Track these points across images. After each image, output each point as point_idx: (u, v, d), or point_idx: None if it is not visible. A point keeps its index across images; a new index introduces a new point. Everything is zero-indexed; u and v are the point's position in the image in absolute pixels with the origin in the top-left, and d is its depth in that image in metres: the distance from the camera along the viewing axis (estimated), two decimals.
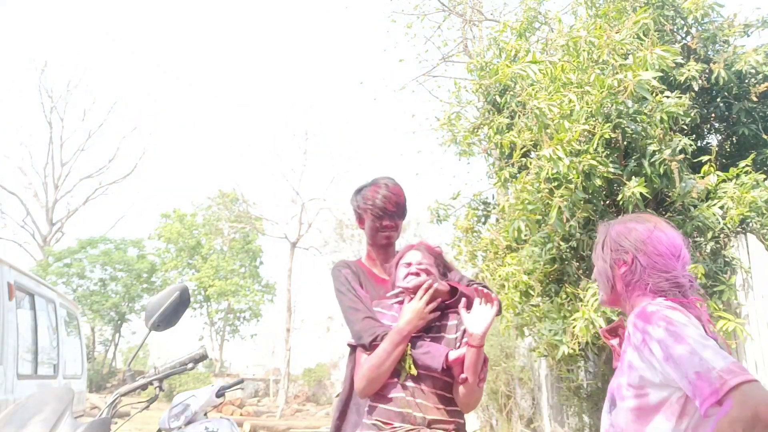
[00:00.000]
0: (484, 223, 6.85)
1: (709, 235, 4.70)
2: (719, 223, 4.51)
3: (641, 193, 4.39)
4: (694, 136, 5.13)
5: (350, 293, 2.18)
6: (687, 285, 1.49)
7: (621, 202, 4.54)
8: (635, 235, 1.54)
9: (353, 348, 2.24)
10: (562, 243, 5.18)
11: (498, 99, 6.18)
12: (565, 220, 4.62)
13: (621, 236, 1.56)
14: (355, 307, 2.15)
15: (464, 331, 2.01)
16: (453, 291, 2.09)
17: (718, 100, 5.52)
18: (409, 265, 2.11)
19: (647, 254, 1.51)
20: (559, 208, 4.55)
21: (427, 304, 2.03)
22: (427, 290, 2.02)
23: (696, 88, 5.12)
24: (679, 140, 4.61)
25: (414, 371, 1.98)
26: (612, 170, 4.53)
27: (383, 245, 2.31)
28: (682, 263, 1.51)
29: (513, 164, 5.60)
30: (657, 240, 1.51)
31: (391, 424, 1.96)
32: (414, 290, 2.04)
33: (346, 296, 2.18)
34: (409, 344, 2.01)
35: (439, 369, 1.94)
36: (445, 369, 1.94)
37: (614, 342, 1.61)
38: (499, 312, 2.17)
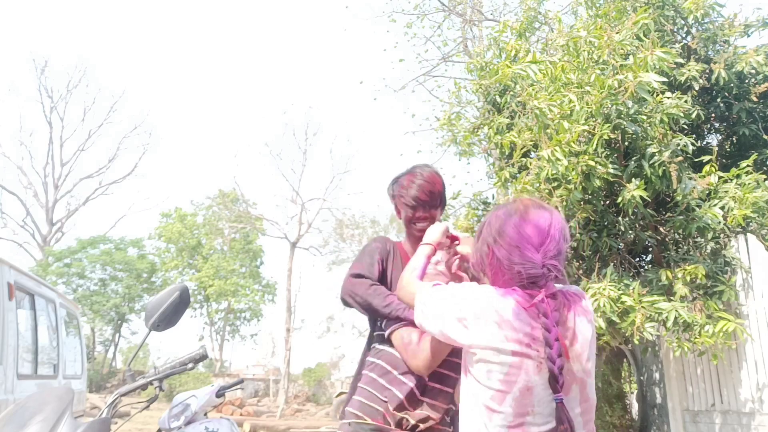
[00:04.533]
0: None
1: (710, 235, 4.70)
2: (720, 223, 4.51)
3: (641, 195, 4.39)
4: (695, 136, 5.13)
5: (364, 261, 2.11)
6: (542, 275, 1.42)
7: (621, 203, 4.54)
8: (496, 225, 1.49)
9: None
10: None
11: (498, 99, 6.19)
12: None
13: (486, 226, 1.52)
14: (360, 272, 2.07)
15: None
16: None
17: (719, 100, 5.52)
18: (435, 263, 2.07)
19: (502, 246, 1.45)
20: (557, 208, 4.55)
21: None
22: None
23: (696, 88, 5.12)
24: (680, 139, 4.61)
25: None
26: (611, 171, 4.53)
27: (417, 237, 2.15)
28: (543, 252, 1.43)
29: (513, 164, 5.61)
30: (513, 228, 1.45)
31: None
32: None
33: (359, 262, 2.12)
34: None
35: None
36: None
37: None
38: None
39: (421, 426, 1.93)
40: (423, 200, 2.13)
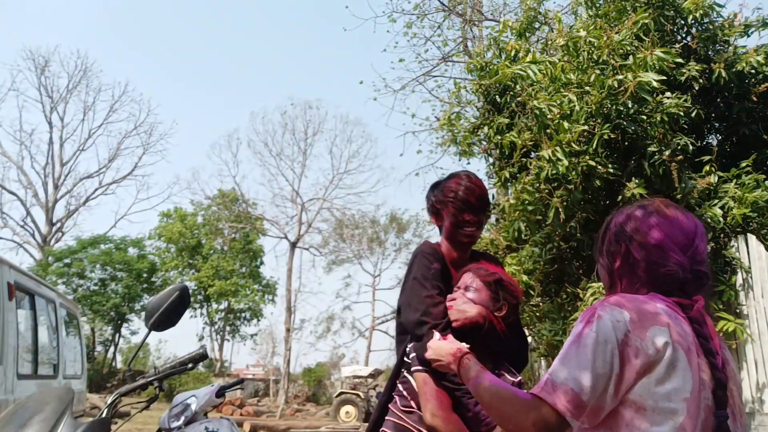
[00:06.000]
0: None
1: (710, 235, 4.71)
2: (720, 223, 4.52)
3: (641, 194, 4.39)
4: (695, 135, 5.13)
5: (436, 292, 1.96)
6: (691, 280, 1.25)
7: (621, 203, 4.54)
8: (630, 224, 1.31)
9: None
10: (562, 243, 5.18)
11: (498, 99, 6.18)
12: (562, 221, 4.63)
13: (618, 226, 1.34)
14: (422, 307, 1.93)
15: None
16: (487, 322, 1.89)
17: (719, 100, 5.52)
18: (457, 289, 1.93)
19: (641, 244, 1.27)
20: (557, 208, 4.55)
21: (454, 326, 1.84)
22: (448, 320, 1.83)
23: (696, 88, 5.12)
24: (680, 139, 4.61)
25: None
26: (612, 171, 4.53)
27: (464, 243, 2.07)
28: (691, 255, 1.26)
29: (513, 164, 5.60)
30: (655, 227, 1.27)
31: None
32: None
33: (434, 294, 1.95)
34: None
35: None
36: None
37: None
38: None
39: None
40: (473, 204, 2.04)
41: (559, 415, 1.13)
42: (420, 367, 1.89)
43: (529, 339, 6.85)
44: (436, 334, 1.73)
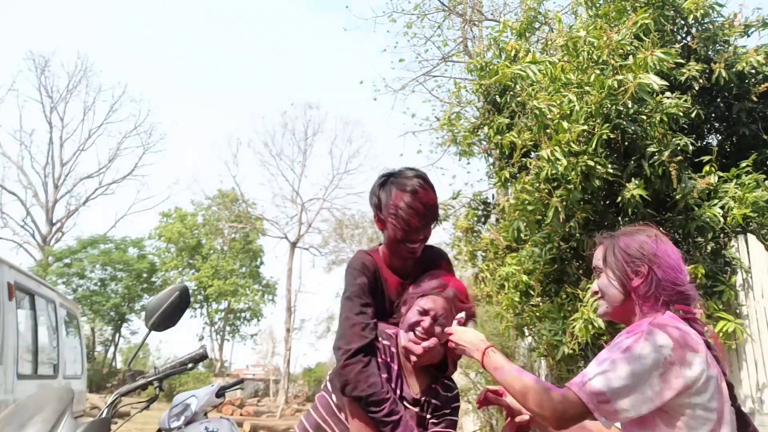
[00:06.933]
0: (484, 223, 6.85)
1: (710, 235, 4.70)
2: (720, 222, 4.51)
3: (641, 195, 4.39)
4: (695, 136, 5.13)
5: (354, 312, 1.87)
6: (693, 297, 1.54)
7: (620, 203, 4.54)
8: (647, 248, 1.54)
9: None
10: (562, 243, 5.18)
11: (498, 99, 6.18)
12: (562, 221, 4.62)
13: (632, 248, 1.56)
14: (357, 348, 1.83)
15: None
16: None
17: (719, 100, 5.52)
18: (424, 313, 1.85)
19: (661, 267, 1.52)
20: (557, 208, 4.55)
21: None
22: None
23: (696, 88, 5.11)
24: (680, 139, 4.61)
25: None
26: (611, 171, 4.53)
27: (404, 258, 1.96)
28: (685, 275, 1.55)
29: (513, 164, 5.60)
30: (666, 253, 1.54)
31: None
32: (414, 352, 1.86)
33: (351, 316, 1.87)
34: None
35: None
36: None
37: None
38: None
39: None
40: (417, 226, 1.86)
41: (583, 406, 1.37)
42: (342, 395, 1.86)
43: (529, 339, 6.86)
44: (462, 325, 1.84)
